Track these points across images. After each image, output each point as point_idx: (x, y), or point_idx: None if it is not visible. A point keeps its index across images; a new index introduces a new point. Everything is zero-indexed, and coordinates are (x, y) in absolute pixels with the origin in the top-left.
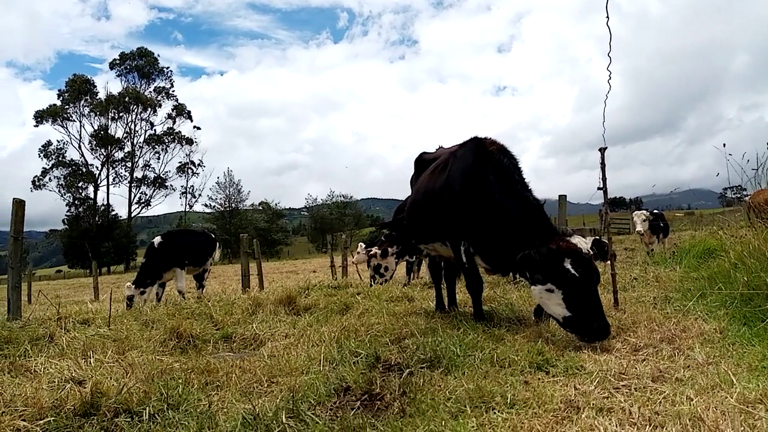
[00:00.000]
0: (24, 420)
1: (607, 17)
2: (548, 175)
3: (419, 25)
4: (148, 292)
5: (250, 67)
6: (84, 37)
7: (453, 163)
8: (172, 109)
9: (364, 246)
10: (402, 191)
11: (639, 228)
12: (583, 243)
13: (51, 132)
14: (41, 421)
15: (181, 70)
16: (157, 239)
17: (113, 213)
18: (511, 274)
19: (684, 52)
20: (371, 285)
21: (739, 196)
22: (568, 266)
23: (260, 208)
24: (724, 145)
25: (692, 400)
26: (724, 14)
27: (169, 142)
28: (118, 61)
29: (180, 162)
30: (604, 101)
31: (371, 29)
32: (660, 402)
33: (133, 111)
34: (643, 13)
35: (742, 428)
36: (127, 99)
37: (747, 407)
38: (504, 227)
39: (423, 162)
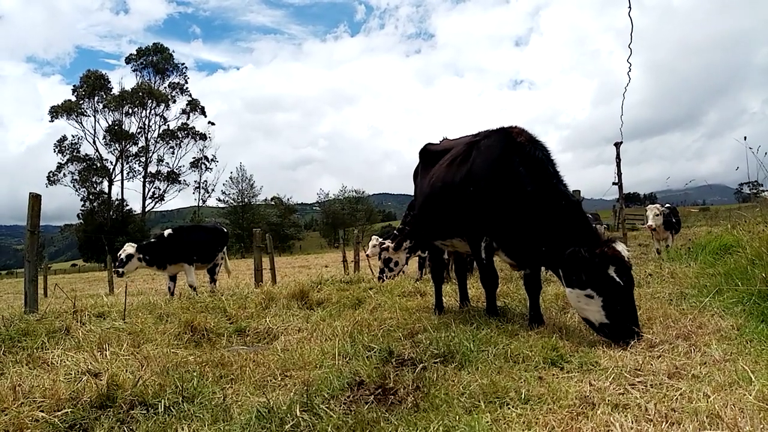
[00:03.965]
0: (42, 411)
1: (630, 7)
2: (564, 170)
3: (436, 18)
4: (142, 265)
5: (266, 61)
6: (102, 32)
7: (477, 155)
8: (186, 105)
9: (379, 239)
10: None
11: (650, 222)
12: (626, 250)
13: (66, 127)
14: (59, 413)
15: (198, 65)
16: (168, 231)
17: (127, 208)
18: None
19: (707, 44)
20: (380, 280)
21: (755, 191)
22: (613, 274)
23: (272, 203)
24: (745, 138)
25: (709, 397)
26: (748, 5)
27: (182, 137)
28: (134, 56)
29: (194, 157)
30: (623, 94)
31: (388, 22)
32: (676, 399)
33: (147, 106)
34: (666, 5)
35: (762, 426)
36: (141, 94)
37: (766, 405)
38: (538, 222)
39: (429, 153)
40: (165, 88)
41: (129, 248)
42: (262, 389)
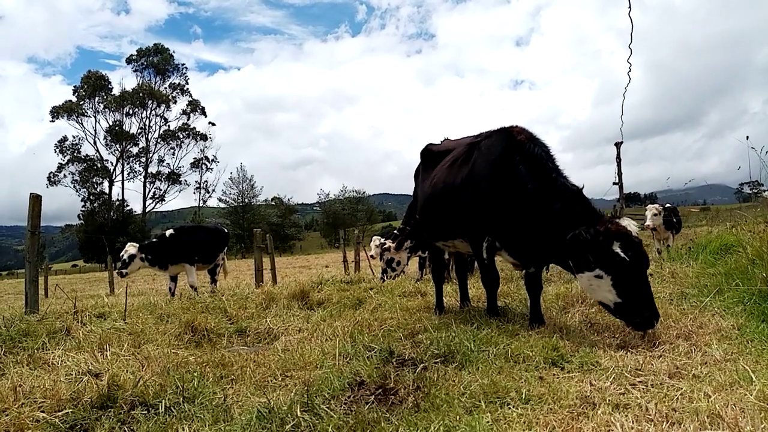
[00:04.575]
0: (43, 411)
1: (630, 8)
2: (566, 170)
3: (437, 18)
4: (144, 265)
5: (267, 61)
6: (103, 32)
7: (478, 155)
8: (187, 105)
9: (380, 239)
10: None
11: (648, 223)
12: (633, 225)
13: (67, 128)
14: (60, 413)
15: (199, 65)
16: (169, 231)
17: (128, 208)
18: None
19: (708, 44)
20: (382, 279)
21: (756, 191)
22: (618, 250)
23: (273, 203)
24: (747, 137)
25: (710, 397)
26: (749, 5)
27: (183, 137)
28: (135, 57)
29: (194, 157)
30: (623, 94)
31: (389, 22)
32: (677, 398)
33: (147, 107)
34: (667, 5)
35: (763, 425)
36: (141, 95)
37: (767, 405)
38: (540, 218)
39: (431, 154)
40: (165, 88)
41: (131, 249)
42: (262, 389)
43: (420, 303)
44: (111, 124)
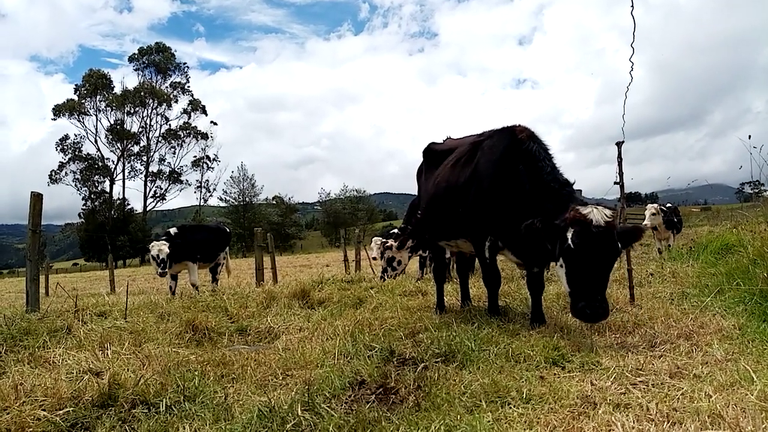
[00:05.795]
0: (44, 410)
1: (632, 6)
2: (567, 169)
3: (439, 17)
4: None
5: (269, 60)
6: (105, 30)
7: (481, 155)
8: (188, 104)
9: (381, 240)
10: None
11: (647, 222)
12: (599, 214)
13: (68, 126)
14: (60, 412)
15: (201, 64)
16: (173, 229)
17: (129, 207)
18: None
19: (712, 43)
20: (382, 279)
21: (757, 191)
22: (569, 237)
23: (274, 202)
24: (750, 137)
25: (711, 396)
26: (753, 4)
27: (184, 136)
28: (136, 56)
29: (195, 156)
30: (625, 93)
31: (391, 21)
32: (678, 398)
33: (149, 106)
34: (672, 4)
35: (764, 426)
36: (142, 93)
37: None
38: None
39: (433, 153)
40: (167, 87)
41: (164, 247)
42: (263, 388)
43: (421, 302)
44: (112, 122)
